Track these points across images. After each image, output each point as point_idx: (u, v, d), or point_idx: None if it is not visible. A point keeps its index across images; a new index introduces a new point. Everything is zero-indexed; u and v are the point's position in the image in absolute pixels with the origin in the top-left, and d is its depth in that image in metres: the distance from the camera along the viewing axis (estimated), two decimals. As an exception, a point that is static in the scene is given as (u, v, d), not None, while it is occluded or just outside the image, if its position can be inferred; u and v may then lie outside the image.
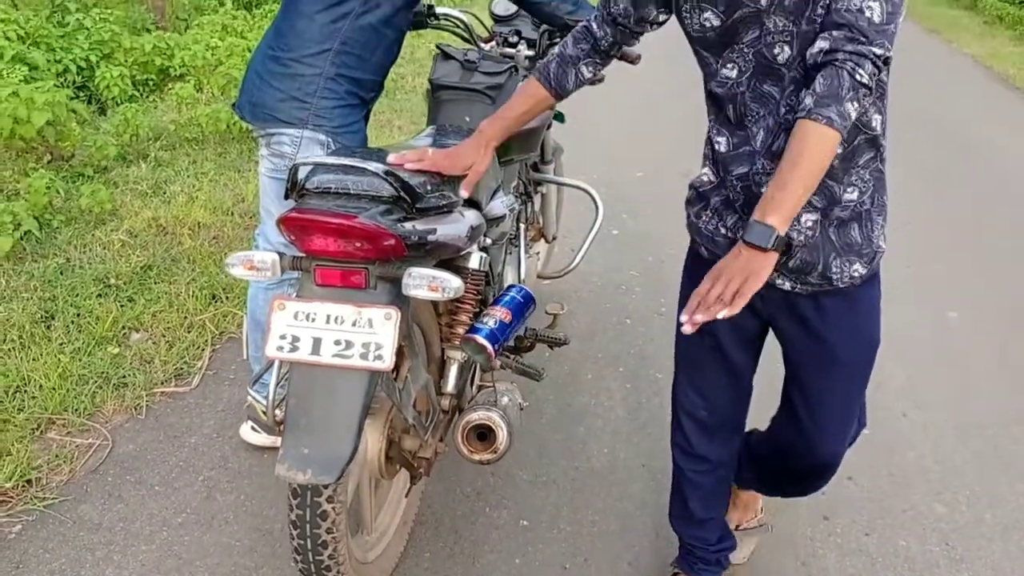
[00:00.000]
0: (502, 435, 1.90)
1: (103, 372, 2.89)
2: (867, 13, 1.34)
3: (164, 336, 3.14)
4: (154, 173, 4.59)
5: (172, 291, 3.39)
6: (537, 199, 3.14)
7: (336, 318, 1.60)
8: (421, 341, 1.94)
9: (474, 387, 2.22)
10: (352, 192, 1.64)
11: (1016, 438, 2.81)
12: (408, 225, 1.63)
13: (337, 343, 1.59)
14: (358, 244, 1.58)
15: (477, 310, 2.03)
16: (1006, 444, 2.78)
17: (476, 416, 1.91)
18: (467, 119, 2.35)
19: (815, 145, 1.35)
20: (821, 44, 1.38)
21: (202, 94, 5.91)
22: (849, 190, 1.56)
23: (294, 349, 1.60)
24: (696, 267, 1.81)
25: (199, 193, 4.33)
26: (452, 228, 1.79)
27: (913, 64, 8.72)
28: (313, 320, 1.61)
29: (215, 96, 5.80)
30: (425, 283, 1.61)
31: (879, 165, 1.58)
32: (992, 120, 6.92)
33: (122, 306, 3.27)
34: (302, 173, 1.69)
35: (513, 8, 2.90)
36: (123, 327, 3.16)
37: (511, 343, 2.21)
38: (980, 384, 3.12)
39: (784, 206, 1.36)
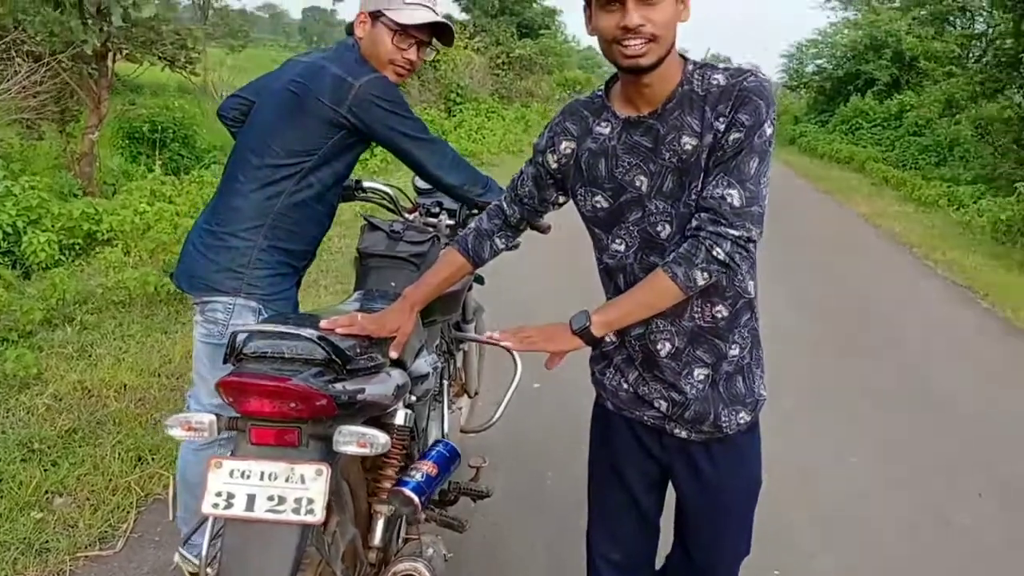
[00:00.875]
0: (427, 585, 1.98)
1: (25, 538, 2.85)
2: (728, 199, 1.59)
3: (89, 500, 3.12)
4: (80, 336, 4.62)
5: (97, 454, 3.39)
6: (460, 357, 3.29)
7: (270, 475, 1.71)
8: (349, 496, 2.03)
9: (400, 539, 2.29)
10: (287, 356, 1.78)
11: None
12: (339, 386, 1.77)
13: (271, 499, 1.69)
14: (292, 404, 1.70)
15: (403, 464, 2.14)
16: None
17: (402, 567, 1.99)
18: (393, 284, 2.52)
19: (654, 287, 1.65)
20: (692, 222, 1.63)
21: (130, 258, 5.99)
22: (733, 347, 1.78)
23: (229, 506, 1.69)
24: (603, 419, 1.98)
25: (126, 355, 4.38)
26: (380, 387, 1.93)
27: (810, 223, 9.38)
28: (248, 477, 1.71)
29: (143, 260, 5.90)
30: (354, 440, 1.74)
31: (755, 324, 1.81)
32: (880, 274, 7.45)
33: (46, 470, 3.25)
34: (240, 339, 1.83)
35: None
36: (46, 492, 3.13)
37: (435, 496, 2.31)
38: (883, 525, 3.30)
39: (606, 313, 1.69)
